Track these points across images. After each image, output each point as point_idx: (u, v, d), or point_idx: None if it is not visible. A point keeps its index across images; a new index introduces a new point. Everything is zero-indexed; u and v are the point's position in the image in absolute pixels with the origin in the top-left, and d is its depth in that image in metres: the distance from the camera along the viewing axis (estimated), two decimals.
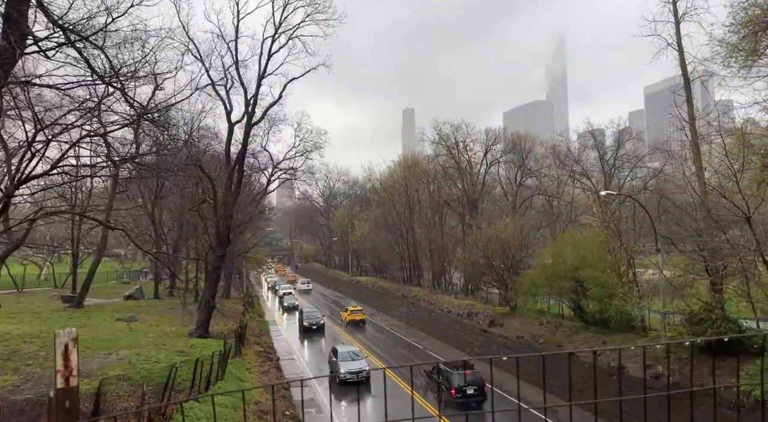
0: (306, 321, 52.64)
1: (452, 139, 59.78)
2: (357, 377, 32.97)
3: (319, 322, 52.99)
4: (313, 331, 51.83)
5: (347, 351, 36.77)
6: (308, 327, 51.97)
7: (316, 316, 54.26)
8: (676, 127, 29.88)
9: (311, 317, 53.69)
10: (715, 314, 20.86)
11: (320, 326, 52.59)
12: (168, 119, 27.53)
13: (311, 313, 55.42)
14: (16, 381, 19.87)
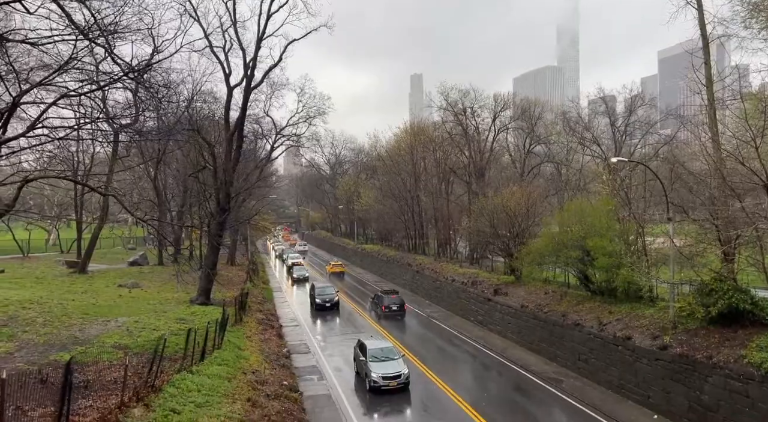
0: (318, 298, 47.73)
1: (460, 105, 58.39)
2: (395, 383, 25.22)
3: (333, 299, 47.87)
4: (326, 309, 46.98)
5: (379, 347, 27.83)
6: (321, 305, 47.21)
7: (330, 292, 48.93)
8: (692, 91, 28.54)
9: (324, 293, 48.56)
10: (727, 285, 20.13)
11: (334, 303, 47.58)
12: (167, 83, 26.68)
13: (324, 289, 49.89)
14: (11, 349, 19.63)
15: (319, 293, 48.25)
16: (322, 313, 47.28)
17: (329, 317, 45.61)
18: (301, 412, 21.46)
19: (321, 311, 47.03)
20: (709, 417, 19.41)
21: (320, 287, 49.73)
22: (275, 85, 53.37)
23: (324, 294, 48.16)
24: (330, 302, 47.36)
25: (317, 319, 44.91)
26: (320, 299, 47.38)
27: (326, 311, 46.75)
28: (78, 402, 13.65)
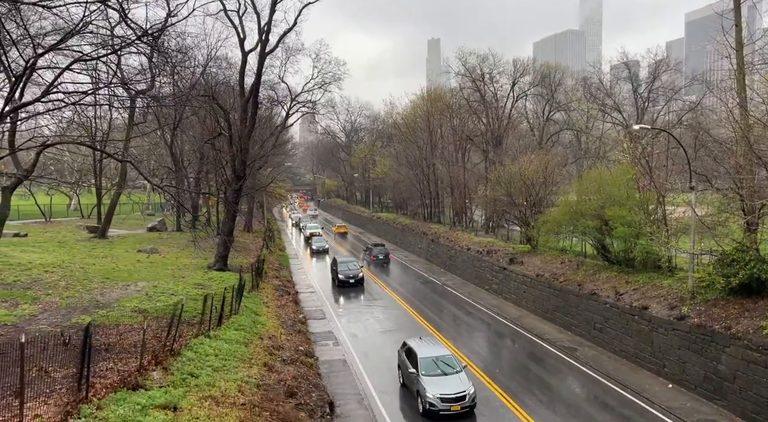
0: (341, 274, 43.80)
1: (478, 70, 57.25)
2: (458, 407, 19.08)
3: (358, 275, 43.92)
4: (350, 286, 43.36)
5: (434, 356, 21.17)
6: (344, 281, 43.37)
7: (354, 267, 44.74)
8: (721, 55, 27.46)
9: (348, 268, 44.41)
10: (749, 255, 19.74)
11: (359, 279, 43.74)
12: (182, 47, 26.34)
13: (347, 262, 45.54)
14: (34, 311, 20.07)
15: (343, 268, 44.40)
16: (321, 258, 49.08)
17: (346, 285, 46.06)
18: (316, 377, 21.83)
19: (344, 288, 43.46)
20: (725, 387, 19.34)
21: (343, 262, 45.57)
22: (290, 50, 52.82)
23: (348, 270, 44.24)
24: (354, 279, 43.55)
25: (332, 284, 45.32)
26: (343, 275, 43.61)
27: (350, 287, 43.20)
28: (99, 364, 13.97)
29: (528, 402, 20.69)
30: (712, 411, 19.42)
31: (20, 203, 55.07)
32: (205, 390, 14.14)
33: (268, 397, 15.55)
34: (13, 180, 18.26)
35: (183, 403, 12.73)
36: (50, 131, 33.73)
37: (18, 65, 17.19)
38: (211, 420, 12.18)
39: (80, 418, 10.71)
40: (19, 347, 9.15)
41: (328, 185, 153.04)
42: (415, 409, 20.11)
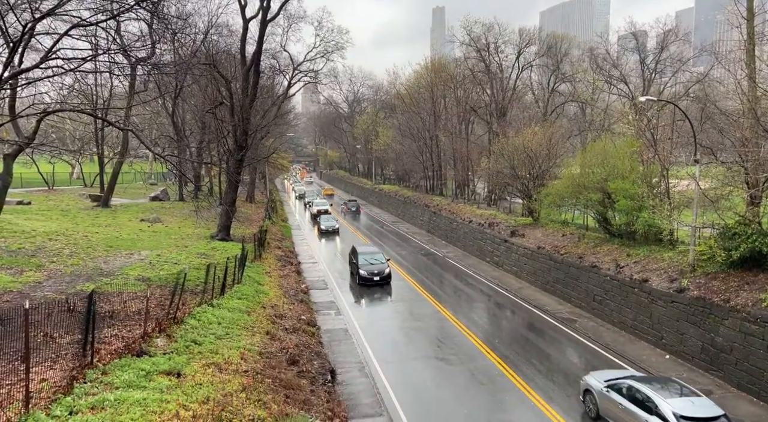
0: (363, 269, 34.60)
1: (483, 40, 56.29)
2: None
3: (384, 270, 34.72)
4: (374, 285, 34.52)
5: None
6: (367, 278, 34.30)
7: (379, 260, 35.64)
8: (731, 25, 26.91)
9: (370, 261, 35.32)
10: (752, 229, 19.72)
11: (385, 276, 34.61)
12: (182, 14, 25.84)
13: (370, 254, 36.30)
14: (39, 278, 20.27)
15: (365, 261, 35.12)
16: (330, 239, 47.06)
17: (347, 254, 46.22)
18: (318, 345, 22.12)
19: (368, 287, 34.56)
20: (721, 358, 19.57)
21: (366, 254, 36.18)
22: (292, 18, 51.93)
23: (371, 264, 34.92)
24: (380, 275, 34.17)
25: (334, 256, 45.57)
26: (365, 271, 34.24)
27: (375, 287, 34.37)
28: (104, 331, 14.18)
29: (526, 372, 21.00)
30: (709, 381, 19.70)
31: (23, 171, 55.11)
32: (208, 357, 14.36)
33: (270, 365, 15.80)
34: (14, 147, 18.18)
35: (186, 369, 12.95)
36: (51, 98, 33.35)
37: (16, 30, 16.93)
38: (214, 386, 12.39)
39: (86, 383, 10.91)
40: (23, 313, 9.24)
41: (330, 157, 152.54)
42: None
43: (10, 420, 8.83)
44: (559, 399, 18.65)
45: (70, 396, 10.22)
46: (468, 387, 19.75)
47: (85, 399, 10.18)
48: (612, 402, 16.23)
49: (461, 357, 22.59)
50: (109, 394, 10.50)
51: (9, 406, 9.12)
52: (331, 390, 17.54)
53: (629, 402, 15.59)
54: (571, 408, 17.97)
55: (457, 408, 18.01)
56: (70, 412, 9.61)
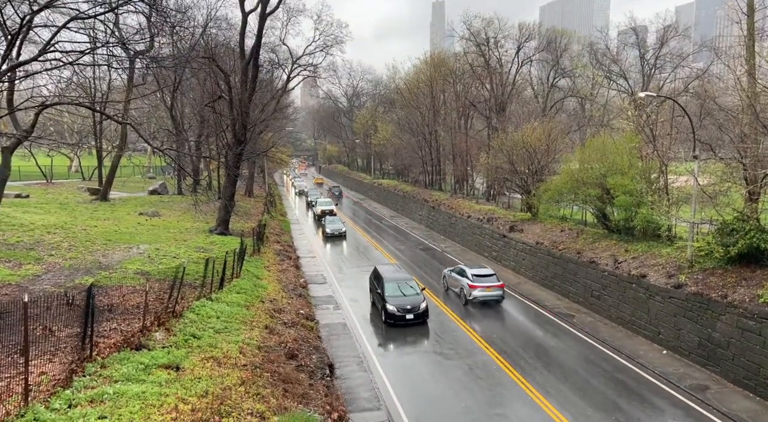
0: (392, 302, 25.76)
1: (483, 34, 56.19)
2: None
3: (418, 305, 25.73)
4: (405, 324, 25.71)
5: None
6: (398, 316, 25.54)
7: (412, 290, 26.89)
8: (731, 20, 26.89)
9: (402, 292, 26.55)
10: (750, 225, 19.76)
11: (420, 313, 25.74)
12: (180, 7, 25.75)
13: (401, 281, 27.30)
14: (38, 271, 20.25)
15: (393, 291, 26.36)
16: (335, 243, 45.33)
17: (345, 249, 46.29)
18: (317, 339, 22.17)
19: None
20: (718, 353, 19.66)
21: (393, 280, 27.21)
22: (291, 11, 51.87)
23: (403, 295, 26.22)
24: (414, 312, 25.43)
25: (333, 251, 45.61)
26: (395, 306, 25.47)
27: (407, 326, 25.69)
28: (102, 324, 14.19)
29: (524, 367, 21.08)
30: (705, 376, 19.80)
31: (21, 164, 54.96)
32: (207, 351, 14.39)
33: (269, 359, 15.83)
34: (12, 140, 18.13)
35: (185, 363, 12.97)
36: (49, 91, 33.31)
37: (14, 23, 16.87)
38: (213, 380, 12.42)
39: (85, 376, 10.93)
40: (22, 306, 9.25)
41: (329, 151, 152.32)
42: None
43: (10, 413, 8.85)
44: (556, 393, 18.73)
45: (69, 389, 10.25)
46: (466, 381, 19.82)
47: (84, 393, 10.21)
48: (451, 277, 31.98)
49: (459, 352, 22.68)
50: (108, 387, 10.53)
51: (8, 399, 9.15)
52: (329, 384, 17.59)
53: (456, 275, 31.09)
54: (567, 401, 18.05)
55: (455, 403, 18.09)
56: (69, 405, 9.64)
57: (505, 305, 29.78)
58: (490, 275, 29.75)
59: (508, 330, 25.95)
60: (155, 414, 9.95)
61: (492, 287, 28.99)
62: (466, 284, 29.52)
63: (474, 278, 29.36)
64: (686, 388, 18.96)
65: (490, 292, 28.90)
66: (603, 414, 17.25)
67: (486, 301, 29.12)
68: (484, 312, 28.60)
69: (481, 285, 28.93)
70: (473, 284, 29.06)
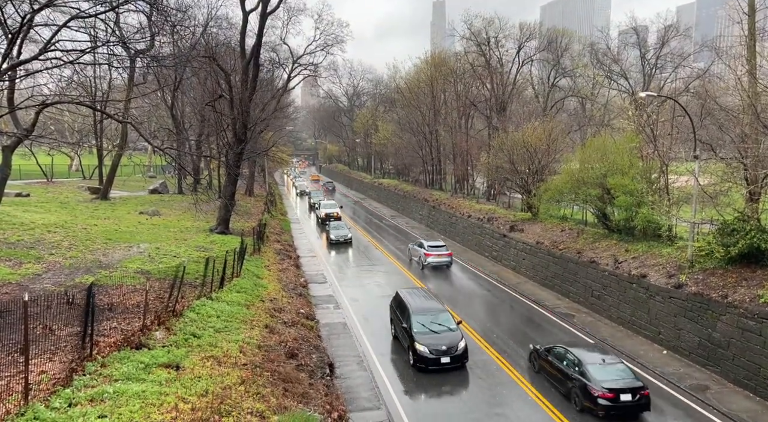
0: (423, 341, 20.69)
1: (484, 34, 56.16)
2: None
3: (456, 346, 20.66)
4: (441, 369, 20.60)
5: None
6: (431, 360, 20.37)
7: (446, 324, 21.74)
8: (732, 20, 26.88)
9: (432, 327, 21.44)
10: (750, 225, 19.75)
11: (458, 355, 20.58)
12: (181, 6, 25.71)
13: (433, 316, 22.00)
14: (38, 270, 20.26)
15: (424, 326, 21.24)
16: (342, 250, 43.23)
17: (345, 248, 46.24)
18: (317, 339, 22.17)
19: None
20: (718, 353, 19.65)
21: (422, 312, 22.05)
22: (292, 10, 51.84)
23: (434, 333, 21.07)
24: (450, 354, 20.32)
25: (333, 251, 45.59)
26: (426, 346, 20.33)
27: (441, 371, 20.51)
28: (103, 323, 14.19)
29: (524, 365, 21.07)
30: (705, 376, 19.80)
31: (21, 163, 54.96)
32: (207, 350, 14.39)
33: (269, 358, 15.84)
34: (13, 139, 18.13)
35: (185, 362, 12.98)
36: (49, 90, 33.28)
37: (15, 21, 16.86)
38: (213, 379, 12.42)
39: (85, 375, 10.93)
40: (22, 305, 9.25)
41: (329, 151, 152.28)
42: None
43: (10, 411, 8.85)
44: (556, 392, 18.71)
45: (69, 388, 10.25)
46: (466, 381, 19.82)
47: (84, 392, 10.21)
48: (413, 249, 39.54)
49: None
50: (108, 387, 10.53)
51: (8, 398, 9.14)
52: (329, 384, 17.60)
53: (417, 246, 38.61)
54: (566, 400, 18.03)
55: (454, 402, 18.09)
56: (69, 404, 9.63)
57: (506, 305, 29.90)
58: (441, 246, 38.41)
59: (509, 329, 25.97)
60: (155, 413, 9.95)
61: (442, 255, 37.47)
62: (423, 253, 37.71)
63: (429, 248, 37.80)
64: (686, 388, 18.96)
65: (440, 259, 37.31)
66: None
67: (438, 266, 37.30)
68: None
69: (434, 254, 37.30)
70: (428, 253, 37.45)
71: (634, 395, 16.57)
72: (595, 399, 16.61)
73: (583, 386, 17.05)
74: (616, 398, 16.42)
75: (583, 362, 17.64)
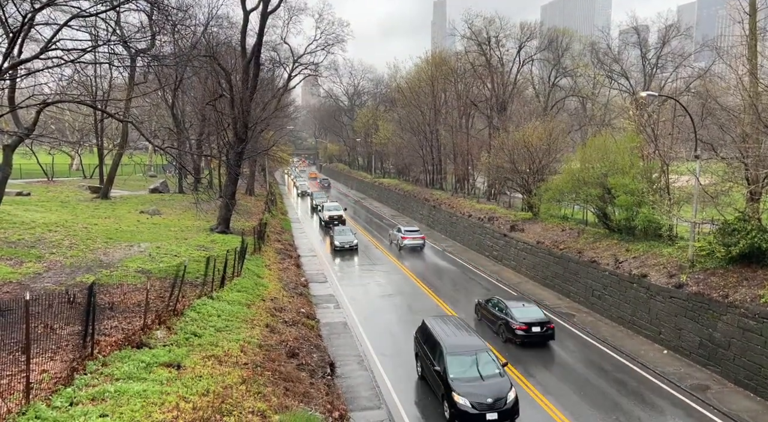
0: (462, 390, 16.15)
1: (484, 34, 56.14)
2: None
3: (505, 394, 16.11)
4: None
5: None
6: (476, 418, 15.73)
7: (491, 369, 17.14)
8: (733, 20, 26.85)
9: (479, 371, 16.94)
10: (751, 225, 19.75)
11: (507, 408, 15.96)
12: (182, 5, 25.72)
13: (473, 357, 17.36)
14: (39, 269, 20.26)
15: (464, 371, 16.89)
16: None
17: (349, 250, 46.21)
18: (317, 338, 22.18)
19: None
20: (719, 353, 19.65)
21: (460, 350, 17.60)
22: (293, 9, 51.84)
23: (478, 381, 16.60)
24: (499, 408, 15.79)
25: (334, 250, 45.58)
26: (467, 397, 15.89)
27: None
28: (103, 322, 14.19)
29: (525, 365, 21.08)
30: (706, 376, 19.79)
31: (22, 162, 55.00)
32: (208, 349, 14.39)
33: (270, 357, 15.84)
34: (14, 138, 18.15)
35: (187, 362, 12.98)
36: (50, 89, 33.32)
37: (16, 20, 16.87)
38: (214, 378, 12.43)
39: (86, 374, 10.94)
40: (24, 304, 9.25)
41: (330, 150, 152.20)
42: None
43: (11, 410, 8.86)
44: (556, 392, 18.72)
45: (71, 387, 10.25)
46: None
47: (86, 391, 10.22)
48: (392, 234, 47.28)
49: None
50: (109, 386, 10.53)
51: (10, 397, 9.15)
52: (330, 383, 17.60)
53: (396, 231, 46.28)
54: (568, 400, 18.05)
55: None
56: (70, 403, 9.64)
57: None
58: (416, 231, 45.92)
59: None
60: (156, 413, 9.95)
61: (416, 238, 44.94)
62: (400, 237, 45.06)
63: (405, 232, 45.30)
64: (687, 388, 18.96)
65: (414, 241, 44.75)
66: (603, 414, 17.25)
67: (413, 247, 44.59)
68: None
69: (409, 237, 44.69)
70: (404, 237, 44.82)
71: (542, 327, 22.76)
72: (514, 331, 22.77)
73: (507, 323, 23.24)
74: (529, 330, 22.61)
75: (508, 306, 23.88)
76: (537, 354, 22.29)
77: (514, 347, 22.91)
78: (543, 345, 23.07)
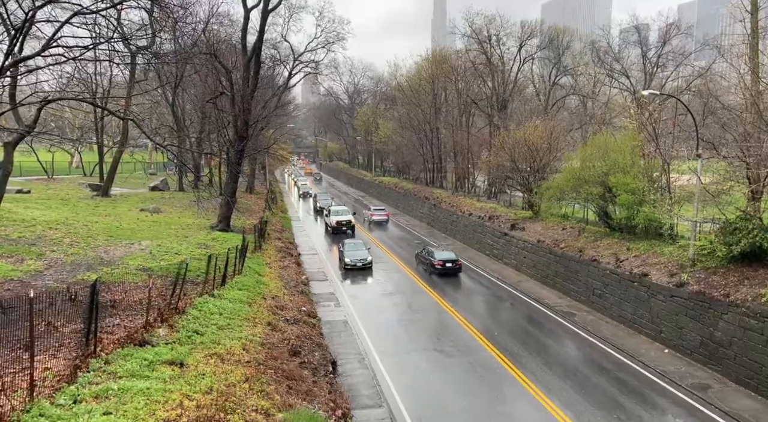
0: None
1: (485, 32, 56.06)
2: None
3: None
4: None
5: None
6: None
7: None
8: (735, 18, 26.80)
9: None
10: (753, 224, 19.74)
11: None
12: (182, 2, 25.59)
13: None
14: (40, 267, 20.27)
15: None
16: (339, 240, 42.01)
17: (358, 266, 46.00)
18: (318, 336, 22.18)
19: None
20: (720, 352, 19.67)
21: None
22: (293, 7, 51.70)
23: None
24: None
25: (334, 249, 45.54)
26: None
27: None
28: (106, 320, 14.20)
29: (525, 364, 21.10)
30: (707, 375, 19.81)
31: (22, 160, 54.93)
32: (210, 347, 14.40)
33: (272, 355, 15.85)
34: (14, 136, 18.12)
35: (189, 360, 12.98)
36: (51, 87, 33.27)
37: (17, 18, 16.82)
38: (217, 376, 12.43)
39: (89, 372, 10.94)
40: (27, 302, 9.25)
41: (330, 148, 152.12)
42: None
43: (15, 408, 8.86)
44: (558, 391, 18.75)
45: (74, 385, 10.26)
46: (467, 379, 19.84)
47: (89, 389, 10.22)
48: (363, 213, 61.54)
49: (460, 349, 22.69)
50: (112, 383, 10.54)
51: (13, 394, 9.15)
52: (332, 382, 17.61)
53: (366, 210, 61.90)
54: (569, 399, 18.06)
55: (455, 400, 18.11)
56: (74, 401, 9.64)
57: (507, 303, 30.00)
58: (381, 209, 60.97)
59: (510, 328, 25.97)
60: (160, 411, 9.96)
61: (381, 215, 59.07)
62: (369, 214, 58.97)
63: (373, 210, 59.83)
64: (688, 387, 18.98)
65: (380, 217, 58.77)
66: (604, 412, 17.27)
67: (379, 222, 58.10)
68: (486, 311, 28.73)
69: (376, 214, 59.09)
70: (372, 214, 58.97)
71: (453, 263, 35.22)
72: (434, 265, 35.14)
73: (431, 262, 35.52)
74: (444, 265, 34.92)
75: (432, 251, 36.69)
76: (449, 281, 33.95)
77: (435, 277, 34.77)
78: (454, 275, 35.31)
